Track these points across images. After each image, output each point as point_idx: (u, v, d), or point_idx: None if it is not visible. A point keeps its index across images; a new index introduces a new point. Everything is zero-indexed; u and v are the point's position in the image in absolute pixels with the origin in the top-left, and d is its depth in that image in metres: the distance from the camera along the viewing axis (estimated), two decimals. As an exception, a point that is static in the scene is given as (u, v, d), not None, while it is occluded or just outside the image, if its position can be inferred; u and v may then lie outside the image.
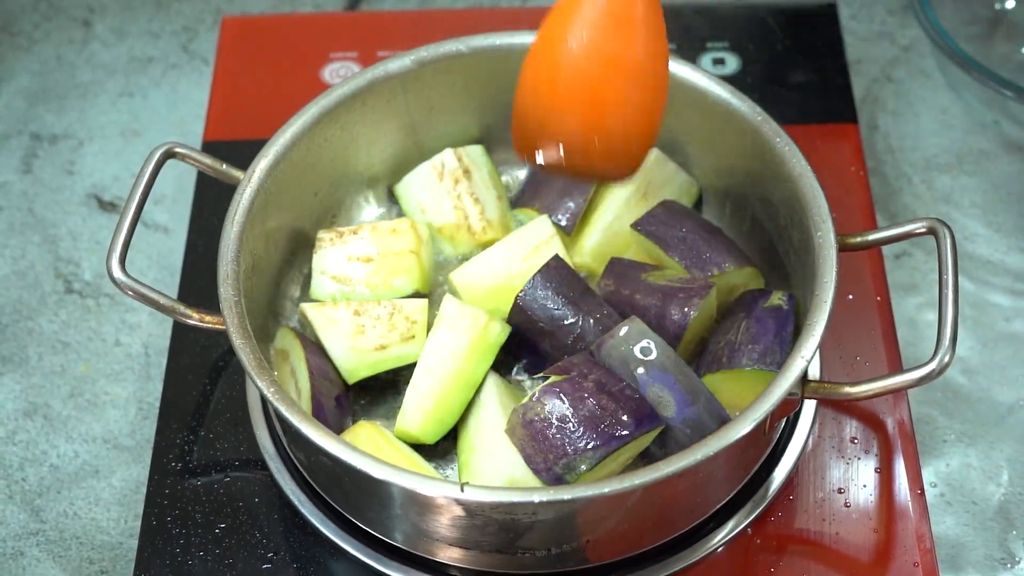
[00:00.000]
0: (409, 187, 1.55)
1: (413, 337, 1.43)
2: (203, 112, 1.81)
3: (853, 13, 1.92)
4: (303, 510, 1.39)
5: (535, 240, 1.48)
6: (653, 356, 1.35)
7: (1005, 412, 1.57)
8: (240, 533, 1.40)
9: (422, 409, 1.39)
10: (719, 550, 1.37)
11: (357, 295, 1.48)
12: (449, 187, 1.53)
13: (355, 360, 1.43)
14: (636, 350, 1.35)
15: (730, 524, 1.38)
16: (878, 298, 1.54)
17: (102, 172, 1.81)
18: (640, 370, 1.34)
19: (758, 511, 1.39)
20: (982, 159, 1.78)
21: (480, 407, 1.40)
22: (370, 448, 1.35)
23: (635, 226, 1.47)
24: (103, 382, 1.63)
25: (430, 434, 1.40)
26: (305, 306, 1.46)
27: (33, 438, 1.59)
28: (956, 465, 1.54)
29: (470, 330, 1.41)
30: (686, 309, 1.39)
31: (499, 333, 1.42)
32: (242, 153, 1.64)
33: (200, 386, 1.51)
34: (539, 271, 1.42)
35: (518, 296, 1.42)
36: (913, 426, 1.45)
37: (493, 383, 1.41)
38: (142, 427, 1.59)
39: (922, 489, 1.41)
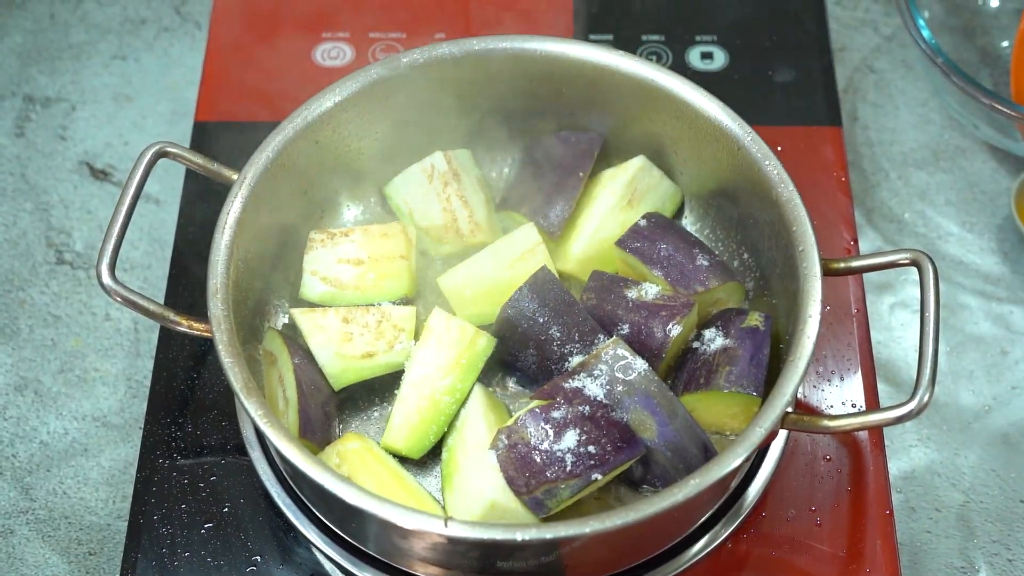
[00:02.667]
0: (398, 188, 1.47)
1: (400, 345, 1.37)
2: (195, 78, 1.73)
3: (838, -1, 1.84)
4: (288, 514, 1.34)
5: (521, 247, 1.42)
6: (635, 378, 1.29)
7: (971, 418, 1.52)
8: (227, 534, 1.35)
9: (408, 425, 1.33)
10: (692, 566, 1.32)
11: (346, 297, 1.41)
12: (439, 189, 1.45)
13: (342, 366, 1.36)
14: (619, 371, 1.29)
15: (703, 540, 1.33)
16: (855, 310, 1.48)
17: (94, 138, 1.73)
18: (622, 392, 1.29)
19: (732, 527, 1.34)
20: (958, 156, 1.71)
21: (465, 421, 1.34)
22: (356, 463, 1.30)
23: (619, 244, 1.40)
24: (93, 357, 1.56)
25: (416, 449, 1.34)
26: (295, 311, 1.39)
27: (23, 414, 1.53)
28: (921, 470, 1.49)
29: (457, 343, 1.35)
30: (668, 328, 1.33)
31: (485, 346, 1.36)
32: (233, 137, 1.58)
33: (190, 373, 1.45)
34: (526, 283, 1.36)
35: (504, 306, 1.36)
36: (885, 445, 1.40)
37: (478, 396, 1.35)
38: (131, 405, 1.53)
39: (891, 509, 1.36)
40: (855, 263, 1.33)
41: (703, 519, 1.32)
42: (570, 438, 1.26)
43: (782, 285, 1.36)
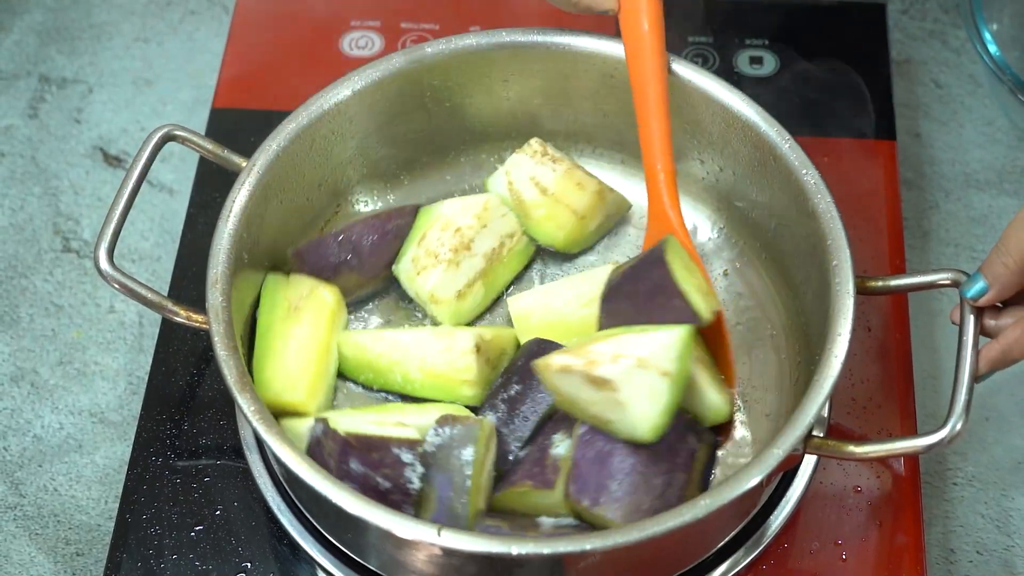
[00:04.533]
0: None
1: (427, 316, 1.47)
2: (219, 65, 1.77)
3: (904, 7, 1.86)
4: (283, 520, 1.38)
5: (598, 288, 1.40)
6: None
7: (1022, 457, 1.53)
8: (218, 538, 1.39)
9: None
10: (707, 596, 1.35)
11: (515, 211, 1.48)
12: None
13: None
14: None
15: (721, 568, 1.35)
16: (897, 335, 1.50)
17: (110, 123, 1.78)
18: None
19: (752, 556, 1.36)
20: (1025, 179, 1.72)
21: None
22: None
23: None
24: (94, 350, 1.61)
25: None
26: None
27: (18, 405, 1.57)
28: (964, 510, 1.50)
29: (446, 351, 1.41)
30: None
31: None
32: (250, 126, 1.62)
33: (189, 370, 1.49)
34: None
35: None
36: (921, 478, 1.42)
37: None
38: (130, 403, 1.57)
39: (923, 548, 1.38)
40: (893, 282, 1.36)
41: (721, 544, 1.34)
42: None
43: (817, 307, 1.38)
